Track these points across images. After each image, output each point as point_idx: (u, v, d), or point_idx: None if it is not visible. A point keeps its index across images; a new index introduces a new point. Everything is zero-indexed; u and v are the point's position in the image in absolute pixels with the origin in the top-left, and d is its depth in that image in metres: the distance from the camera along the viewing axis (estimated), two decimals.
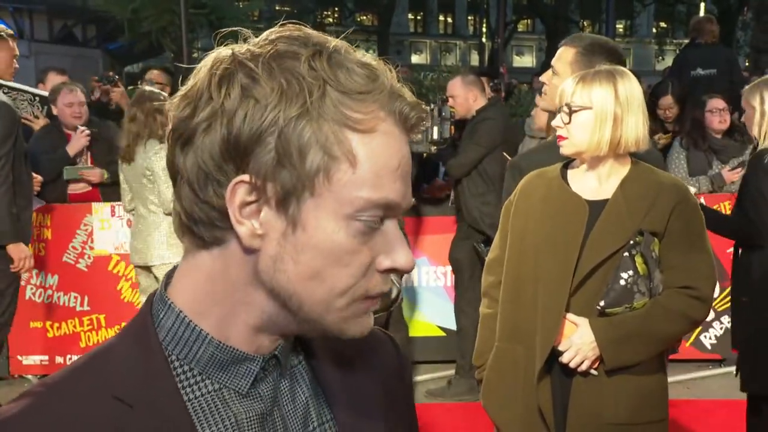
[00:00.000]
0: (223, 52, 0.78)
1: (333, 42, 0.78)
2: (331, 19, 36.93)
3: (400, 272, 0.81)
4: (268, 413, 0.83)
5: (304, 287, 0.78)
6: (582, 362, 2.17)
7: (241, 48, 0.77)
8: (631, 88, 2.20)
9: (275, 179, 0.75)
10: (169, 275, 0.85)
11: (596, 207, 2.22)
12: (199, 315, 0.81)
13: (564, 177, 2.33)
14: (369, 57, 0.80)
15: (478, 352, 2.49)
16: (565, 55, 2.65)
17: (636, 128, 2.19)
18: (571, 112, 2.21)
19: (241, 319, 0.81)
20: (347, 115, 0.75)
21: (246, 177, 0.75)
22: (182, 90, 0.78)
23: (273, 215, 0.76)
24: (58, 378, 0.79)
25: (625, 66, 2.65)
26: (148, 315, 0.83)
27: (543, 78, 2.78)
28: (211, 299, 0.81)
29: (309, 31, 0.79)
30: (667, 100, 5.64)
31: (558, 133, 2.27)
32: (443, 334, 5.29)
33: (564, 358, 2.18)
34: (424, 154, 4.88)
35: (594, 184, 2.27)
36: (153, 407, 0.77)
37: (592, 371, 2.20)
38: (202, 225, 0.79)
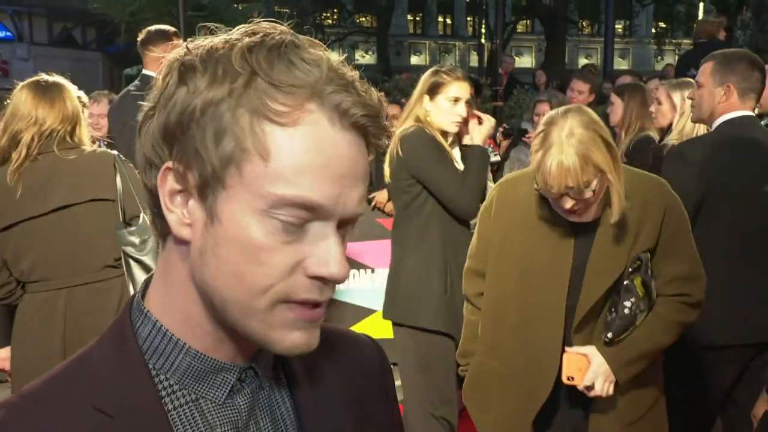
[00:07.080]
0: (183, 47, 0.78)
1: (289, 37, 0.75)
2: (330, 21, 36.93)
3: (327, 281, 0.75)
4: (244, 426, 0.81)
5: (225, 284, 0.74)
6: (610, 387, 2.18)
7: (194, 41, 0.77)
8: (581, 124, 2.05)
9: (194, 167, 0.73)
10: (148, 280, 0.83)
11: (579, 227, 2.18)
12: (168, 319, 0.79)
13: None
14: (329, 54, 0.76)
15: (461, 353, 2.55)
16: (706, 68, 2.98)
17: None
18: (582, 195, 2.02)
19: (195, 321, 0.79)
20: (269, 106, 0.71)
21: (170, 163, 0.74)
22: None
23: (197, 205, 0.75)
24: (35, 387, 0.77)
25: (764, 70, 2.87)
26: (126, 322, 0.81)
27: (688, 94, 3.34)
28: (172, 299, 0.79)
29: (277, 26, 0.76)
30: None
31: (568, 207, 2.06)
32: None
33: (597, 390, 2.16)
34: None
35: None
36: (134, 418, 0.75)
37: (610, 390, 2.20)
38: (152, 214, 0.79)
